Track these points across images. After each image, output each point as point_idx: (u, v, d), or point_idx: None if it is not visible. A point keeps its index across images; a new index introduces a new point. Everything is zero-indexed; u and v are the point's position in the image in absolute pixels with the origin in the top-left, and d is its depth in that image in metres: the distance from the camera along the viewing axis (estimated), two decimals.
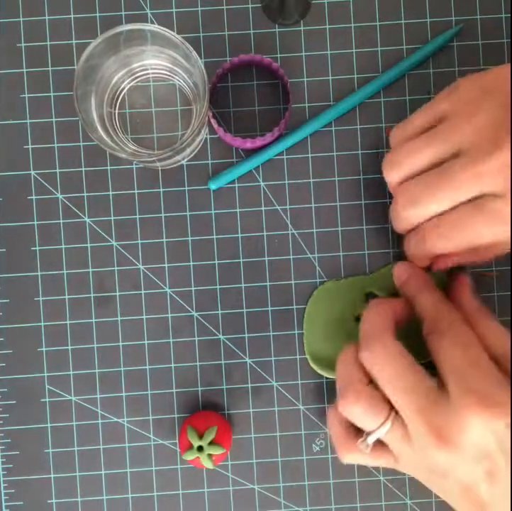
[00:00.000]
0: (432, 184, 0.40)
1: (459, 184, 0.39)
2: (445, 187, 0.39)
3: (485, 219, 0.39)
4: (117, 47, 0.43)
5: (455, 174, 0.39)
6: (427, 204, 0.41)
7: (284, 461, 0.50)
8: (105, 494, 0.50)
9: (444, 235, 0.40)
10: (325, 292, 0.49)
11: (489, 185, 0.38)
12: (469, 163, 0.38)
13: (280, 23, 0.49)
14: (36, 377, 0.49)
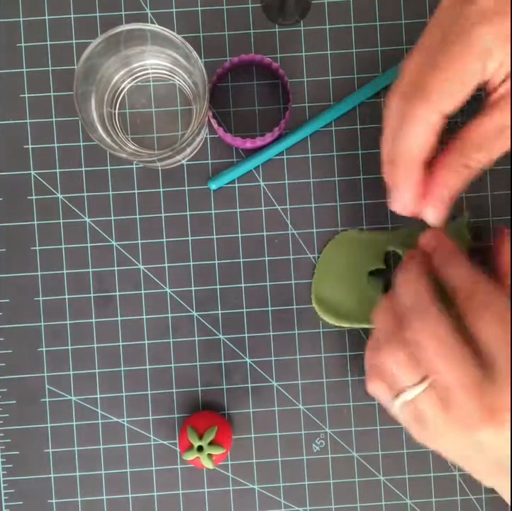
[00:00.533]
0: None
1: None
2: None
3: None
4: (117, 47, 0.43)
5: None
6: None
7: (284, 461, 0.50)
8: (105, 494, 0.50)
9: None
10: (346, 238, 0.49)
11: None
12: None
13: (280, 23, 0.49)
14: (36, 377, 0.49)
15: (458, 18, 0.37)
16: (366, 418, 0.50)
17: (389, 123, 0.39)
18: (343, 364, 0.50)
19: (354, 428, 0.50)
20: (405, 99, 0.37)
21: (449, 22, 0.37)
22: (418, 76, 0.37)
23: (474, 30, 0.36)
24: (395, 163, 0.39)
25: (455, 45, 0.36)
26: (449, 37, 0.37)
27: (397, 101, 0.38)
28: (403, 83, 0.38)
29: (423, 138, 0.37)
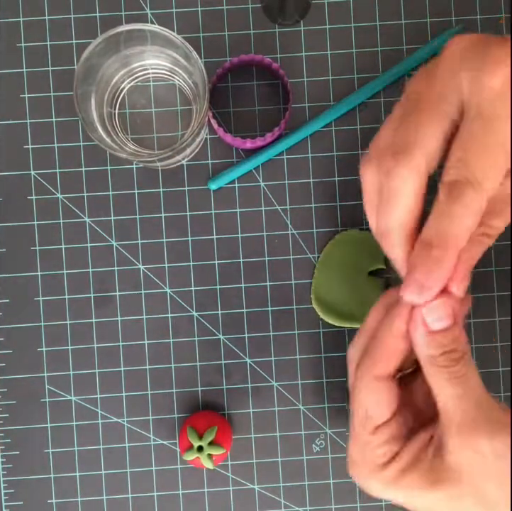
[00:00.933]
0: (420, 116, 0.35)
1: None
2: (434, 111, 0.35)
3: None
4: (117, 47, 0.43)
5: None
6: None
7: (284, 461, 0.50)
8: (105, 494, 0.50)
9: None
10: (347, 238, 0.49)
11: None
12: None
13: (280, 23, 0.49)
14: (36, 377, 0.49)
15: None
16: None
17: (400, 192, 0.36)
18: (343, 364, 0.50)
19: None
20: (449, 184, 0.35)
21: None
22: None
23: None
24: (431, 244, 0.35)
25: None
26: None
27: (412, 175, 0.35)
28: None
29: (474, 220, 0.35)
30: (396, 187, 0.35)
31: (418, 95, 0.35)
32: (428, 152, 0.34)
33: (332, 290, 0.49)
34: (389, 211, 0.35)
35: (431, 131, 0.34)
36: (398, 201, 0.35)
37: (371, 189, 0.36)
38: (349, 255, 0.49)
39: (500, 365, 0.50)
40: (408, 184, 0.35)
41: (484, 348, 0.50)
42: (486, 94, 0.33)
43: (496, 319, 0.50)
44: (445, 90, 0.34)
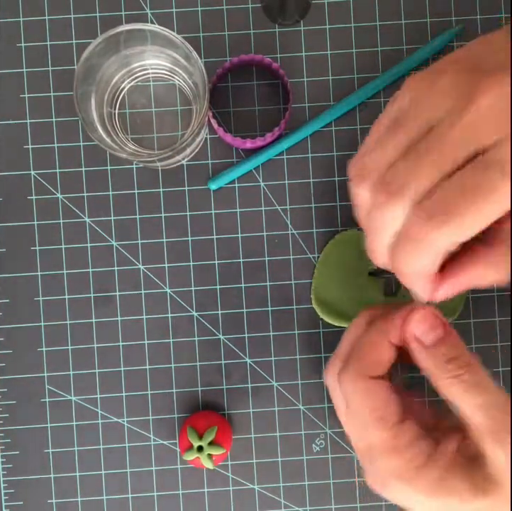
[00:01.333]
0: (420, 156, 0.33)
1: (452, 143, 0.32)
2: (437, 152, 0.33)
3: (495, 177, 0.32)
4: (117, 47, 0.43)
5: (444, 135, 0.32)
6: (417, 183, 0.33)
7: (284, 461, 0.50)
8: (105, 494, 0.50)
9: (451, 214, 0.32)
10: (346, 238, 0.49)
11: (487, 132, 0.32)
12: (454, 119, 0.32)
13: (280, 23, 0.49)
14: (36, 377, 0.49)
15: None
16: None
17: (386, 226, 0.35)
18: None
19: None
20: (422, 216, 0.33)
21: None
22: (442, 195, 0.32)
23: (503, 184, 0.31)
24: (400, 272, 0.35)
25: (497, 177, 0.31)
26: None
27: (404, 211, 0.34)
28: (411, 189, 0.33)
29: (435, 261, 0.34)
30: (385, 220, 0.34)
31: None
32: (421, 192, 0.33)
33: (332, 290, 0.49)
34: (375, 237, 0.35)
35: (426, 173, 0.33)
36: (385, 232, 0.34)
37: (363, 205, 0.36)
38: (349, 255, 0.49)
39: (500, 365, 0.50)
40: (397, 220, 0.34)
41: (484, 348, 0.50)
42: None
43: (496, 319, 0.50)
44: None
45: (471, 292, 0.50)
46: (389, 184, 0.33)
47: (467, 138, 0.32)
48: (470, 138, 0.32)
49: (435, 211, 0.32)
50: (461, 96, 0.32)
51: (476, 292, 0.50)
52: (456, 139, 0.32)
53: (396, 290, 0.50)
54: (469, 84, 0.32)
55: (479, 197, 0.31)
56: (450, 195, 0.32)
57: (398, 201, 0.33)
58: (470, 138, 0.32)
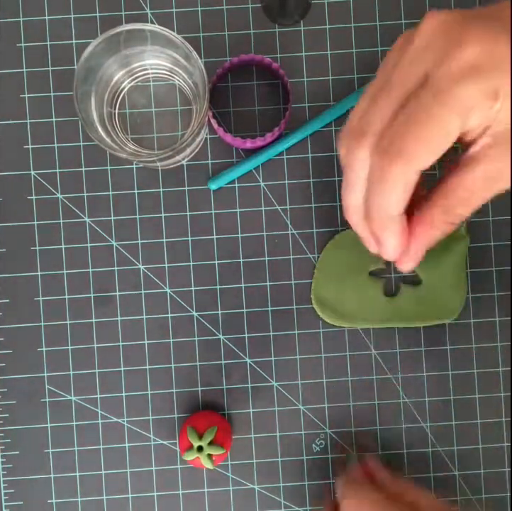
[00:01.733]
0: (379, 95, 0.34)
1: (399, 73, 0.33)
2: (387, 86, 0.33)
3: (429, 103, 0.32)
4: (117, 47, 0.43)
5: (395, 66, 0.33)
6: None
7: (284, 461, 0.50)
8: (105, 494, 0.50)
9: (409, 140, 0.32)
10: (346, 238, 0.49)
11: (427, 58, 0.32)
12: (404, 49, 0.33)
13: (280, 23, 0.49)
14: (36, 377, 0.49)
15: (434, 72, 0.32)
16: (366, 418, 0.50)
17: (356, 175, 0.35)
18: (343, 364, 0.50)
19: (354, 428, 0.50)
20: (379, 153, 0.33)
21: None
22: (392, 131, 0.33)
23: (455, 89, 0.32)
24: (372, 219, 0.35)
25: (433, 105, 0.32)
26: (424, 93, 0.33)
27: (368, 154, 0.34)
28: (372, 132, 0.34)
29: (402, 196, 0.34)
30: (353, 166, 0.35)
31: (388, 72, 0.34)
32: (379, 130, 0.33)
33: (332, 290, 0.49)
34: (348, 189, 0.36)
35: (385, 111, 0.33)
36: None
37: (361, 166, 0.35)
38: (349, 255, 0.49)
39: (500, 365, 0.50)
40: (364, 163, 0.34)
41: (484, 348, 0.50)
42: (447, 68, 0.32)
43: (496, 319, 0.50)
44: (412, 66, 0.33)
45: (471, 292, 0.50)
46: (355, 129, 0.34)
47: (411, 67, 0.33)
48: (413, 68, 0.33)
49: (388, 147, 0.33)
50: (410, 31, 0.34)
51: (476, 292, 0.50)
52: (402, 69, 0.33)
53: (396, 290, 0.50)
54: (421, 21, 0.34)
55: (420, 126, 0.32)
56: (399, 129, 0.32)
57: (361, 143, 0.34)
58: (413, 68, 0.33)
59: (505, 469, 0.50)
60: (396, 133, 0.33)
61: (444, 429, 0.50)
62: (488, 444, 0.50)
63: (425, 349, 0.50)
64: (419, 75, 0.33)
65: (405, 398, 0.50)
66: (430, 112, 0.32)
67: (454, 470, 0.50)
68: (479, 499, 0.50)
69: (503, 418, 0.50)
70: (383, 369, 0.50)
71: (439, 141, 0.32)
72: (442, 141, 0.32)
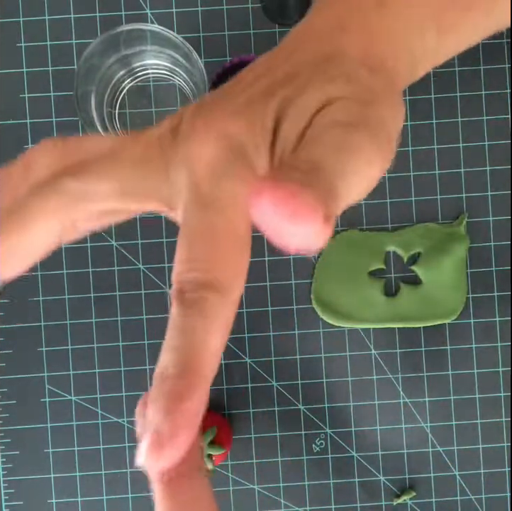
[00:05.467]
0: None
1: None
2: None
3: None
4: (117, 47, 0.43)
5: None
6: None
7: (284, 461, 0.50)
8: (105, 494, 0.50)
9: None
10: (346, 238, 0.49)
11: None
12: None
13: (280, 23, 0.49)
14: (36, 377, 0.49)
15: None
16: (366, 418, 0.50)
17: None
18: (343, 364, 0.50)
19: (354, 428, 0.50)
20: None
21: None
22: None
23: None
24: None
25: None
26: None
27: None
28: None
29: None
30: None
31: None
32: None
33: (332, 290, 0.49)
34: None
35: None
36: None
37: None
38: (349, 255, 0.49)
39: (500, 365, 0.50)
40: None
41: (484, 348, 0.50)
42: (194, 178, 0.25)
43: (496, 319, 0.50)
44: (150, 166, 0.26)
45: (471, 292, 0.50)
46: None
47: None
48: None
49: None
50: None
51: (476, 292, 0.50)
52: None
53: (396, 290, 0.50)
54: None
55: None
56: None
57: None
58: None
59: (506, 469, 0.50)
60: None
61: (444, 429, 0.50)
62: (488, 444, 0.50)
63: (425, 349, 0.50)
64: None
65: (405, 398, 0.50)
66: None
67: (454, 470, 0.50)
68: (479, 499, 0.50)
69: (503, 418, 0.50)
70: (383, 369, 0.50)
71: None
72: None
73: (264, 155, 0.25)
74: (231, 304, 0.25)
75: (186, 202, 0.26)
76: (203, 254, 0.25)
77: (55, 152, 0.26)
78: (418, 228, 0.49)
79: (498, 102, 0.49)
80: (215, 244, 0.25)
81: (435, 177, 0.49)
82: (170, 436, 0.21)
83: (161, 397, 0.22)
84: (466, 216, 0.49)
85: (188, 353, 0.23)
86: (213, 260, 0.25)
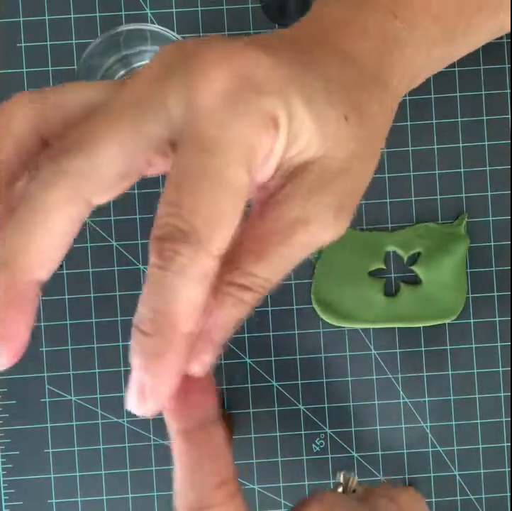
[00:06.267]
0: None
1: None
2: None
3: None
4: (117, 47, 0.43)
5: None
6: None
7: (284, 461, 0.50)
8: (105, 494, 0.50)
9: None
10: (347, 238, 0.49)
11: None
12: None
13: (280, 23, 0.49)
14: (36, 377, 0.49)
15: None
16: (366, 418, 0.50)
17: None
18: (343, 364, 0.50)
19: (354, 428, 0.50)
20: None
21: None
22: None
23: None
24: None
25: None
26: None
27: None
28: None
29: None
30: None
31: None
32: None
33: (332, 290, 0.49)
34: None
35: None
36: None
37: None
38: (349, 255, 0.49)
39: (500, 365, 0.50)
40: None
41: (484, 348, 0.50)
42: (196, 114, 0.23)
43: (496, 319, 0.50)
44: (148, 107, 0.23)
45: (471, 292, 0.50)
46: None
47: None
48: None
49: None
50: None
51: (476, 292, 0.50)
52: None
53: (396, 290, 0.50)
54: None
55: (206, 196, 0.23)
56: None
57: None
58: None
59: (506, 469, 0.50)
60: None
61: (444, 429, 0.50)
62: (488, 444, 0.50)
63: (425, 349, 0.50)
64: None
65: (405, 398, 0.50)
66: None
67: (454, 470, 0.50)
68: (479, 499, 0.50)
69: (503, 418, 0.50)
70: (383, 369, 0.50)
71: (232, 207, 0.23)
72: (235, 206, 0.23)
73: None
74: (209, 258, 0.23)
75: (182, 142, 0.23)
76: (186, 199, 0.23)
77: (35, 111, 0.24)
78: (418, 228, 0.49)
79: (498, 102, 0.49)
80: (202, 189, 0.23)
81: (435, 177, 0.49)
82: (151, 387, 0.22)
83: (140, 350, 0.22)
84: (466, 216, 0.49)
85: (161, 309, 0.22)
86: (196, 207, 0.22)
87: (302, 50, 0.26)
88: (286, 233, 0.25)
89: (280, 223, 0.25)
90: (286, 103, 0.23)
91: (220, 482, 0.24)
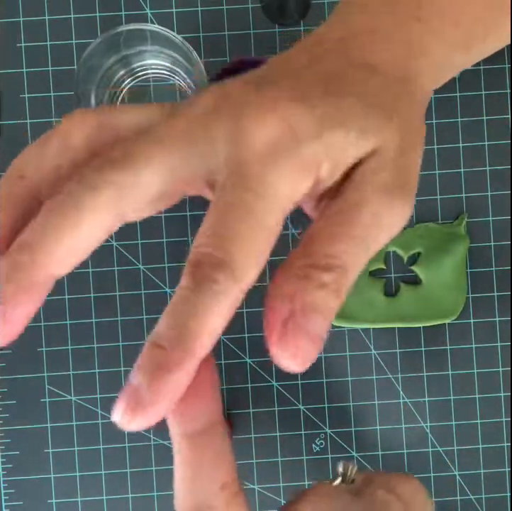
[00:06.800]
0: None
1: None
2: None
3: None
4: (117, 47, 0.43)
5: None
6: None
7: (283, 461, 0.50)
8: (105, 494, 0.50)
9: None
10: None
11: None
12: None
13: (280, 23, 0.49)
14: (36, 377, 0.49)
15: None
16: (366, 418, 0.50)
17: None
18: (343, 364, 0.50)
19: (354, 428, 0.50)
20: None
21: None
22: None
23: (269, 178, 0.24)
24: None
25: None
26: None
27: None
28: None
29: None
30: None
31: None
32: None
33: None
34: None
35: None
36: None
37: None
38: None
39: (500, 365, 0.50)
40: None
41: (484, 348, 0.50)
42: (245, 155, 0.24)
43: (496, 319, 0.50)
44: (198, 140, 0.25)
45: (471, 292, 0.50)
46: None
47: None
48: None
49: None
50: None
51: (476, 292, 0.50)
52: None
53: (396, 290, 0.50)
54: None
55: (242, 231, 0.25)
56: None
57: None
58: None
59: (506, 469, 0.50)
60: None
61: (444, 429, 0.50)
62: (488, 444, 0.50)
63: (425, 349, 0.50)
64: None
65: (405, 398, 0.50)
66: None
67: (454, 470, 0.50)
68: (479, 499, 0.50)
69: (503, 418, 0.50)
70: (383, 369, 0.50)
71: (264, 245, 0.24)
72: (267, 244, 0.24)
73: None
74: (239, 291, 0.24)
75: (227, 179, 0.26)
76: (228, 232, 0.25)
77: (90, 128, 0.25)
78: (418, 228, 0.49)
79: (498, 102, 0.49)
80: (245, 227, 0.24)
81: (435, 177, 0.49)
82: (149, 401, 0.22)
83: (150, 364, 0.22)
84: (466, 216, 0.49)
85: (186, 329, 0.23)
86: (237, 241, 0.24)
87: (331, 78, 0.26)
88: (351, 213, 0.25)
89: (345, 205, 0.25)
90: (325, 145, 0.24)
91: (222, 484, 0.24)
